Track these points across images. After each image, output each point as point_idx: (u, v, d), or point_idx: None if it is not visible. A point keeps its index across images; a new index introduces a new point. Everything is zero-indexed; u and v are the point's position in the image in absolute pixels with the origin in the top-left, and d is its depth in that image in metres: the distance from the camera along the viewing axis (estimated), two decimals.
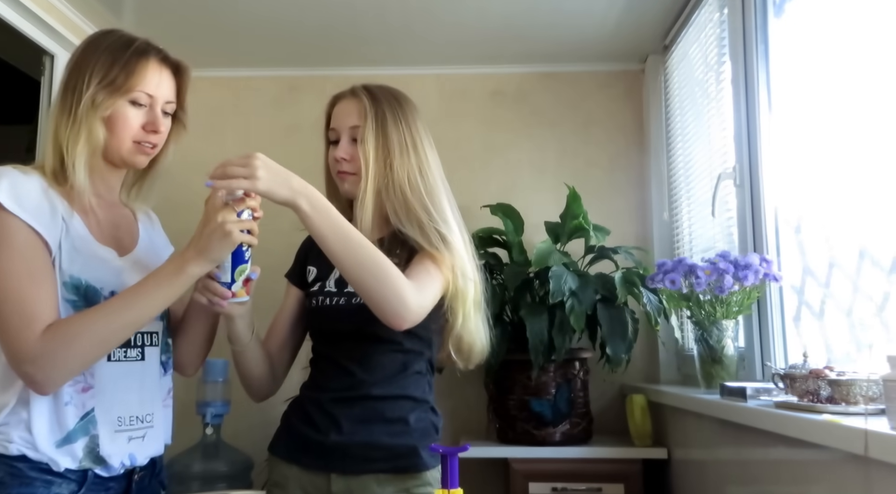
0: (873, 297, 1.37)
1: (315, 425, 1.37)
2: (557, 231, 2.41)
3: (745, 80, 1.88)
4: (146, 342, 1.32)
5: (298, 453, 1.38)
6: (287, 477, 1.38)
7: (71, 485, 1.19)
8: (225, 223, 1.15)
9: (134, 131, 1.28)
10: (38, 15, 2.22)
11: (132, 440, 1.27)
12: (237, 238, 1.16)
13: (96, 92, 1.24)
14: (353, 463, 1.33)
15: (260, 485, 2.48)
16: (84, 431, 1.21)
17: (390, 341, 1.36)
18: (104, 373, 1.24)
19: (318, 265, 1.47)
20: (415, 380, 1.40)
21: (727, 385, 1.60)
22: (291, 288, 1.53)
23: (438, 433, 1.41)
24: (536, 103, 2.86)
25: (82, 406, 1.22)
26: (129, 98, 1.27)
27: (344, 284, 1.41)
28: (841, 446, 1.10)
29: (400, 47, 2.70)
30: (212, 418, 2.34)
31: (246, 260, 1.24)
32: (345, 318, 1.39)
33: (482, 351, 1.46)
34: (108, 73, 1.25)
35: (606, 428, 2.50)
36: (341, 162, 1.43)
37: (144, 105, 1.29)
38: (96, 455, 1.22)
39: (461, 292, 1.36)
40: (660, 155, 2.68)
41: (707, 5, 2.21)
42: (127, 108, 1.27)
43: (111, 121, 1.26)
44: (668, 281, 1.80)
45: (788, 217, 1.75)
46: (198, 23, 2.50)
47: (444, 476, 0.99)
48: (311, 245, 1.51)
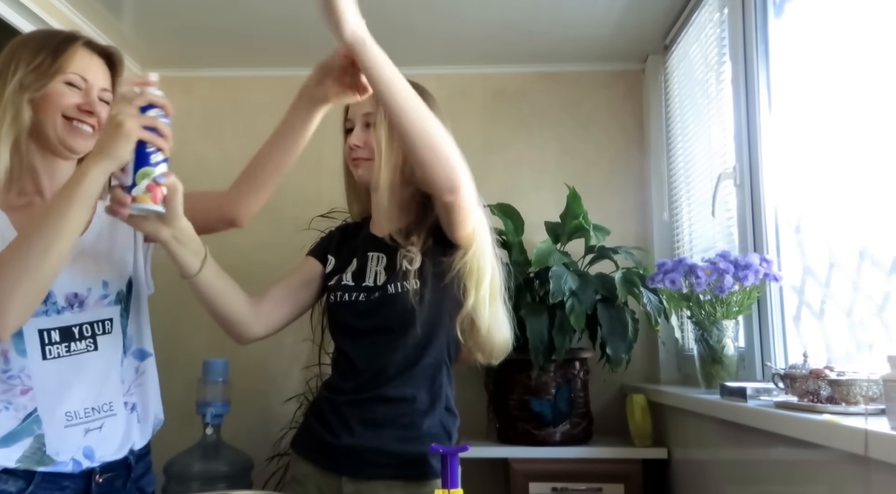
0: (873, 297, 1.37)
1: (329, 426, 1.37)
2: (557, 231, 2.41)
3: (745, 80, 1.88)
4: (97, 331, 1.28)
5: (314, 453, 1.38)
6: (306, 475, 1.38)
7: (18, 482, 1.18)
8: (118, 116, 1.08)
9: (65, 106, 1.24)
10: (38, 15, 2.22)
11: (89, 432, 1.25)
12: (132, 131, 1.08)
13: (24, 75, 1.22)
14: (363, 468, 1.33)
15: (260, 485, 2.49)
16: (28, 431, 1.20)
17: (406, 335, 1.34)
18: (42, 373, 1.22)
19: (338, 256, 1.46)
20: (431, 378, 1.37)
21: (727, 385, 1.60)
22: (310, 259, 1.49)
23: (451, 439, 1.38)
24: (536, 103, 2.86)
25: (23, 408, 1.20)
26: (62, 79, 1.24)
27: (361, 278, 1.40)
28: (841, 446, 1.10)
29: (400, 47, 2.68)
30: (212, 418, 2.34)
31: (151, 162, 1.12)
32: (361, 314, 1.38)
33: (505, 344, 1.42)
34: (35, 59, 1.23)
35: (606, 428, 2.50)
36: (355, 149, 1.42)
37: (80, 88, 1.26)
38: (42, 455, 1.20)
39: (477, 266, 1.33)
40: (660, 155, 2.68)
41: (707, 5, 2.21)
42: (61, 86, 1.24)
43: (42, 101, 1.23)
44: (668, 281, 1.80)
45: (788, 217, 1.75)
46: (198, 23, 2.50)
47: (444, 476, 0.99)
48: (337, 235, 1.51)
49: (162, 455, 2.19)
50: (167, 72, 2.90)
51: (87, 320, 1.28)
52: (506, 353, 1.43)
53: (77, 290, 1.27)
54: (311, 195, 2.67)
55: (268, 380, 2.71)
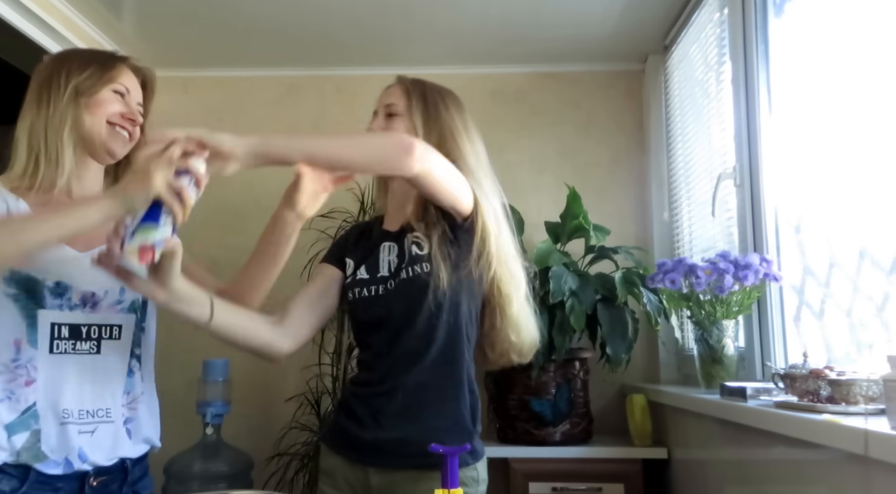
0: (873, 297, 1.37)
1: (356, 420, 1.38)
2: (557, 231, 2.41)
3: (745, 80, 1.88)
4: (104, 334, 1.30)
5: (342, 446, 1.40)
6: (335, 467, 1.40)
7: (12, 481, 1.19)
8: (152, 166, 1.08)
9: (110, 113, 1.32)
10: (38, 15, 2.22)
11: (81, 434, 1.25)
12: (157, 186, 1.06)
13: (79, 82, 1.30)
14: (388, 459, 1.34)
15: (260, 485, 2.49)
16: (25, 425, 1.21)
17: (423, 317, 1.34)
18: (47, 366, 1.24)
19: (354, 256, 1.47)
20: (452, 361, 1.38)
21: (727, 385, 1.60)
22: (326, 266, 1.49)
23: (476, 424, 1.40)
24: (536, 103, 2.86)
25: (24, 400, 1.22)
26: (112, 87, 1.33)
27: (375, 269, 1.41)
28: (841, 446, 1.10)
29: (400, 47, 2.70)
30: (212, 418, 2.34)
31: (158, 223, 1.07)
32: (380, 303, 1.39)
33: (532, 342, 1.47)
34: (88, 68, 1.33)
35: (606, 428, 2.50)
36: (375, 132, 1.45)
37: (124, 97, 1.35)
38: (38, 451, 1.21)
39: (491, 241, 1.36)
40: (660, 155, 2.68)
41: (707, 5, 2.21)
42: (109, 94, 1.33)
43: (91, 106, 1.31)
44: (668, 281, 1.80)
45: (788, 217, 1.75)
46: (198, 23, 2.50)
47: (444, 476, 0.98)
48: (353, 236, 1.52)
49: (162, 455, 2.19)
50: (167, 72, 2.90)
51: (97, 322, 1.30)
52: (533, 350, 1.47)
53: (94, 290, 1.29)
54: None
55: (268, 380, 2.71)
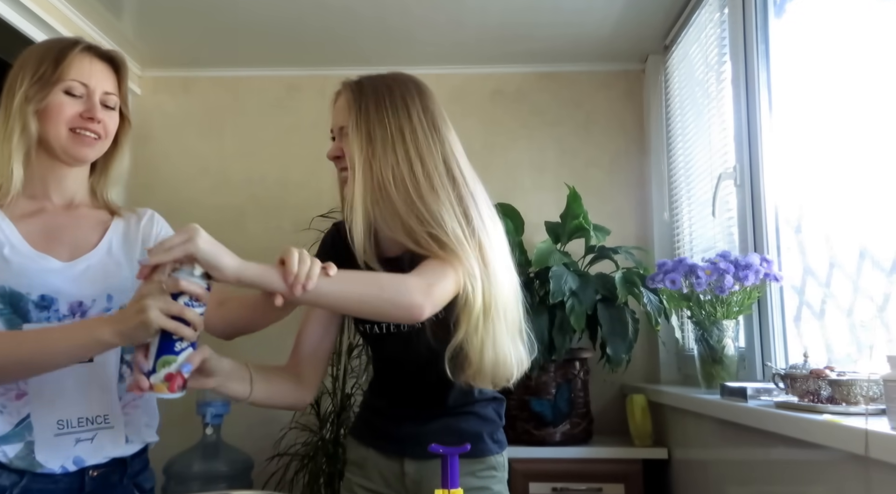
0: (874, 298, 1.37)
1: (389, 417, 1.39)
2: (557, 231, 2.41)
3: (745, 80, 1.88)
4: None
5: (374, 439, 1.40)
6: (365, 459, 1.40)
7: (13, 476, 1.19)
8: (144, 300, 1.01)
9: (68, 118, 1.24)
10: (38, 15, 2.22)
11: (80, 442, 1.24)
12: (154, 321, 1.01)
13: (28, 88, 1.23)
14: (424, 448, 1.32)
15: (260, 485, 2.49)
16: (19, 437, 1.20)
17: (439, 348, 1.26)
18: (38, 378, 1.21)
19: None
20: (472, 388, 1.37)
21: (727, 385, 1.60)
22: None
23: (502, 418, 1.42)
24: (536, 103, 2.86)
25: (17, 412, 1.20)
26: (61, 87, 1.24)
27: None
28: (841, 446, 1.10)
29: (400, 47, 2.70)
30: (212, 418, 2.34)
31: (175, 351, 1.05)
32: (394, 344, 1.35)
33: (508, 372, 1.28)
34: (38, 70, 1.24)
35: (606, 428, 2.50)
36: (335, 161, 1.34)
37: (80, 95, 1.26)
38: (32, 460, 1.20)
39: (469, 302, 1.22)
40: (660, 155, 2.68)
41: (707, 5, 2.21)
42: (61, 97, 1.24)
43: (45, 113, 1.24)
44: (668, 281, 1.79)
45: (788, 217, 1.75)
46: (198, 23, 2.50)
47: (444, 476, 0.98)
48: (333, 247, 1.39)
49: (162, 455, 2.20)
50: (167, 72, 2.91)
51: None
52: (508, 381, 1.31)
53: (81, 299, 1.27)
54: (311, 195, 2.66)
55: None
